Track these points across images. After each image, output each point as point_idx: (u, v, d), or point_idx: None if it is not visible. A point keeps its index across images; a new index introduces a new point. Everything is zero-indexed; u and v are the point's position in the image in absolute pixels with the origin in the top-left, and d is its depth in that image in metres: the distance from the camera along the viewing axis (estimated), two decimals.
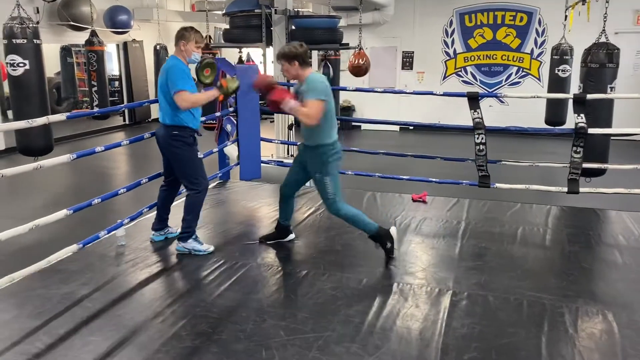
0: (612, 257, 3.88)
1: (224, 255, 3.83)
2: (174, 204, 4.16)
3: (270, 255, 3.89)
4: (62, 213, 3.43)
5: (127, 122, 12.55)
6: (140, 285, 3.39)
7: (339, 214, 3.69)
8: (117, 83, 12.68)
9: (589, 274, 3.63)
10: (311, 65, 3.68)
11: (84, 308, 3.07)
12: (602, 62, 5.08)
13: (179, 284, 3.46)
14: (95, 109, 9.19)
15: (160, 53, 12.20)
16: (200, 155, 3.87)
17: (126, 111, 12.53)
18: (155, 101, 6.41)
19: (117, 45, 12.15)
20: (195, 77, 3.92)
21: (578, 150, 4.69)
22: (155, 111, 13.12)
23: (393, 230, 3.78)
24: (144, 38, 12.28)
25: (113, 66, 12.70)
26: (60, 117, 3.69)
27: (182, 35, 3.72)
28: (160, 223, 4.10)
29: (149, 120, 12.96)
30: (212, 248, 3.89)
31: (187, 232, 3.84)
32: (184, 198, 3.96)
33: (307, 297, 3.22)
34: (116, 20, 10.88)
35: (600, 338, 2.80)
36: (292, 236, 4.13)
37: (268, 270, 3.62)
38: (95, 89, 9.50)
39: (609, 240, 4.26)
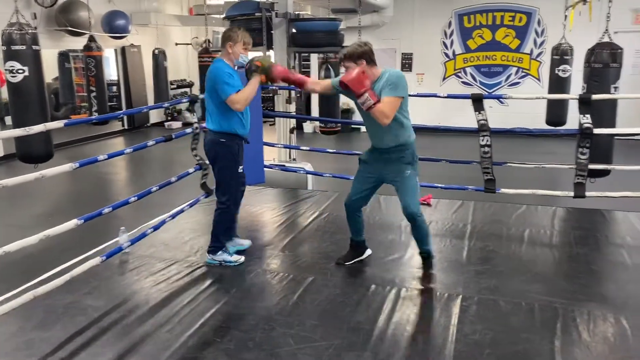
0: (621, 258, 3.84)
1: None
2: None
3: (276, 262, 3.85)
4: (73, 223, 3.27)
5: (125, 127, 12.49)
6: (146, 294, 3.34)
7: (417, 219, 3.37)
8: (115, 88, 12.62)
9: (599, 277, 3.60)
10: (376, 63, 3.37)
11: (89, 318, 3.02)
12: (605, 62, 5.05)
13: (184, 291, 3.40)
14: (95, 115, 9.14)
15: (158, 57, 12.15)
16: (240, 169, 3.71)
17: (125, 116, 12.47)
18: (154, 107, 6.34)
19: (115, 50, 12.09)
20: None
21: (584, 152, 4.65)
22: (154, 116, 13.11)
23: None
24: (142, 43, 12.23)
25: (111, 71, 12.64)
26: (58, 124, 3.58)
27: (229, 36, 3.58)
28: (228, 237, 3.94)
29: (148, 125, 12.91)
30: (242, 259, 3.79)
31: (216, 246, 3.75)
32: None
33: (316, 304, 3.18)
34: (114, 25, 10.83)
35: (614, 342, 2.76)
36: (369, 252, 3.85)
37: (275, 277, 3.58)
38: (94, 94, 9.44)
39: (616, 241, 4.23)
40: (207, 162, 4.64)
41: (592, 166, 4.74)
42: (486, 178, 4.77)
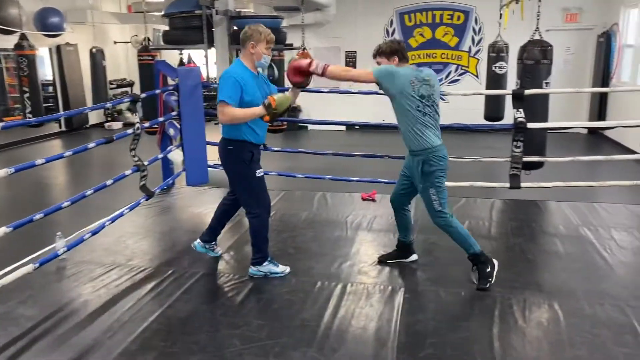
0: (555, 247, 4.02)
1: (172, 265, 3.72)
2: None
3: (220, 263, 3.80)
4: (1, 231, 3.06)
5: (63, 129, 12.01)
6: (84, 300, 3.23)
7: (446, 229, 3.36)
8: (51, 88, 12.12)
9: (534, 265, 3.75)
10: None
11: (23, 328, 2.89)
12: (537, 59, 5.28)
13: (126, 297, 3.30)
14: (29, 117, 8.75)
15: (96, 56, 11.75)
16: (260, 173, 3.44)
17: (62, 118, 11.98)
18: (96, 108, 6.12)
19: (50, 49, 11.60)
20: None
21: (518, 145, 4.85)
22: (93, 117, 12.68)
23: (496, 262, 3.41)
24: (78, 41, 11.79)
25: (46, 71, 12.12)
26: None
27: (250, 35, 3.26)
28: (210, 235, 3.75)
29: (87, 126, 12.47)
30: (288, 269, 3.55)
31: (260, 256, 3.50)
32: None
33: (262, 304, 3.17)
34: (47, 22, 10.35)
35: (548, 327, 2.89)
36: (414, 257, 3.73)
37: (219, 279, 3.54)
38: (27, 95, 9.03)
39: (550, 230, 4.43)
40: (146, 163, 4.55)
41: (526, 159, 4.95)
42: None
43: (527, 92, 4.85)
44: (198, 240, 3.80)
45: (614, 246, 3.99)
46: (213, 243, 3.81)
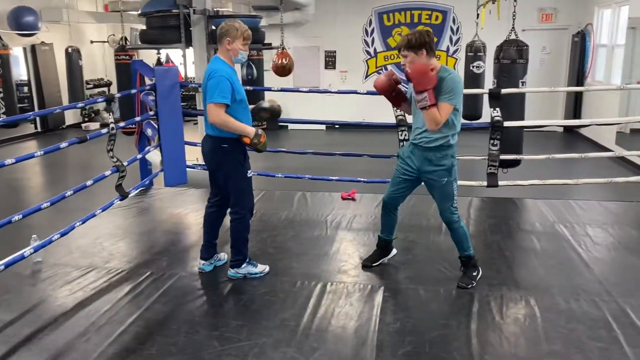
0: (532, 244, 4.08)
1: (151, 266, 3.68)
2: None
3: (199, 264, 3.77)
4: None
5: (38, 129, 11.80)
6: (60, 303, 3.18)
7: (453, 225, 3.33)
8: (26, 89, 11.90)
9: (511, 262, 3.79)
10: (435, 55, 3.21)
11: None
12: (513, 58, 5.35)
13: (103, 299, 3.26)
14: (2, 117, 8.59)
15: (72, 56, 11.58)
16: (250, 174, 3.43)
17: (37, 118, 11.78)
18: (67, 107, 6.04)
19: (24, 49, 11.39)
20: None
21: (495, 143, 4.91)
22: (69, 118, 12.48)
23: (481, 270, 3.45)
24: (53, 40, 11.60)
25: (21, 71, 11.90)
26: None
27: (227, 31, 3.21)
28: (209, 250, 3.59)
29: (63, 127, 12.28)
30: (267, 268, 3.53)
31: (239, 259, 3.45)
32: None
33: (241, 304, 3.16)
34: (22, 21, 10.19)
35: (524, 323, 2.93)
36: (394, 252, 3.72)
37: (198, 279, 3.51)
38: (1, 95, 8.89)
39: (527, 228, 4.49)
40: (125, 163, 4.51)
41: (503, 157, 5.01)
42: None
43: (504, 91, 4.91)
44: (201, 261, 3.61)
45: (589, 242, 4.06)
46: (215, 256, 3.65)
